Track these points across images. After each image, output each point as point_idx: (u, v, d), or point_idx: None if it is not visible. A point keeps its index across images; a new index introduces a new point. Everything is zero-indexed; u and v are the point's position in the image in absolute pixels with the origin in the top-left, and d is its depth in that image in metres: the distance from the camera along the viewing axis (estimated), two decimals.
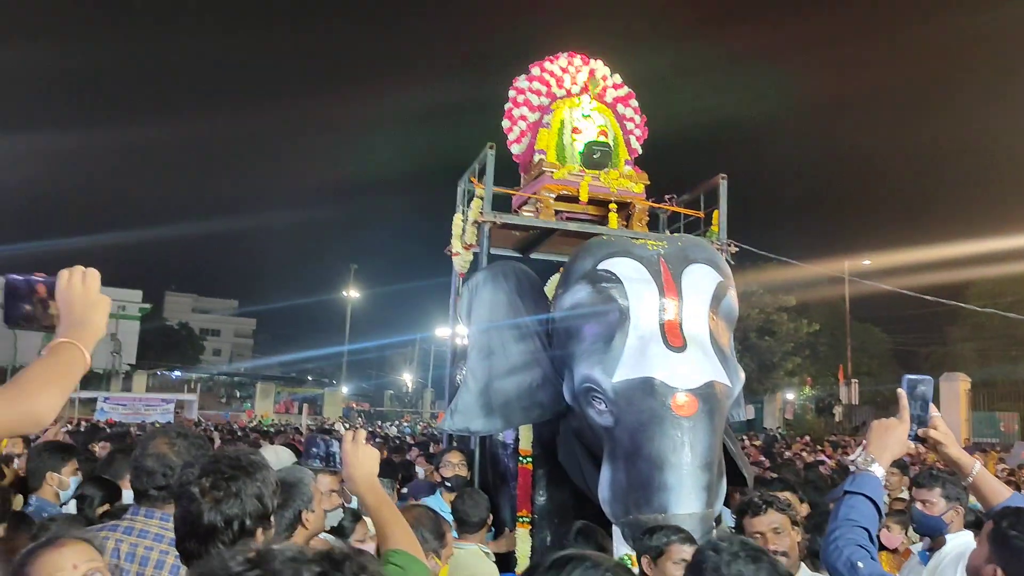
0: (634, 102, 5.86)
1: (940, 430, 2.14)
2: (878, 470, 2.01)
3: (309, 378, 47.76)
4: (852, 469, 2.06)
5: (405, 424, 31.61)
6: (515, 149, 5.69)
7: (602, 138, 5.39)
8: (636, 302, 3.76)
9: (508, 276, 4.39)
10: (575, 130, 5.44)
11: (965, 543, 3.23)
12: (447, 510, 4.27)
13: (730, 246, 5.35)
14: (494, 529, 4.39)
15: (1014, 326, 20.99)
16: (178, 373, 42.73)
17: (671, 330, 3.71)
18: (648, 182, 5.44)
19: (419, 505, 3.21)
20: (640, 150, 5.82)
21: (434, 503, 4.38)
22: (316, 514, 2.49)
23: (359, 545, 3.19)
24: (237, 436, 15.87)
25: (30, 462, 4.02)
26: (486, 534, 3.99)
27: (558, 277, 4.42)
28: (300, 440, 14.38)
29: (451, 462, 4.61)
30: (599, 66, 5.80)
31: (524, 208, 5.36)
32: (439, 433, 9.61)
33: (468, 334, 4.52)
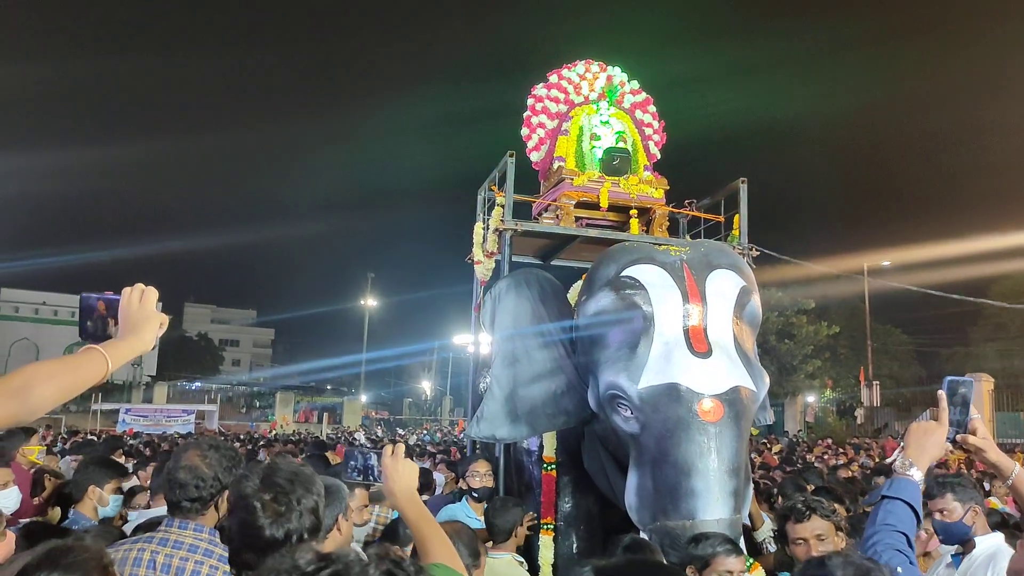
0: (652, 107, 5.86)
1: (979, 434, 2.11)
2: (916, 474, 1.99)
3: (328, 387, 47.91)
4: (891, 472, 2.04)
5: (424, 432, 31.63)
6: (534, 157, 5.70)
7: (621, 144, 5.40)
8: (660, 308, 3.76)
9: (531, 283, 4.39)
10: (593, 136, 5.46)
11: (995, 545, 3.20)
12: (472, 516, 4.27)
13: (751, 250, 5.33)
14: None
15: None
16: (198, 384, 42.97)
17: (696, 336, 3.70)
18: (668, 187, 5.44)
19: (456, 521, 3.20)
20: (659, 155, 5.82)
21: (460, 511, 4.38)
22: (349, 523, 2.50)
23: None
24: (265, 445, 15.89)
25: (76, 474, 4.05)
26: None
27: (581, 284, 4.42)
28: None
29: (478, 472, 4.57)
30: (617, 72, 5.81)
31: (544, 215, 5.36)
32: (461, 440, 9.61)
33: (492, 342, 4.52)
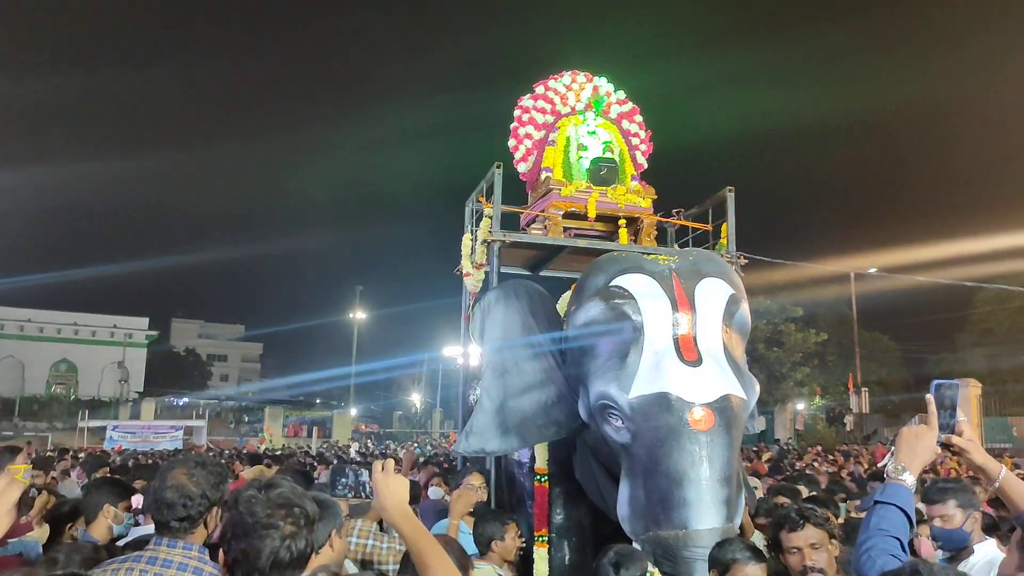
0: (639, 117, 5.88)
1: (965, 436, 2.11)
2: (909, 479, 1.99)
3: (317, 401, 47.67)
4: (883, 477, 2.03)
5: (415, 445, 31.49)
6: (522, 168, 5.71)
7: (608, 154, 5.41)
8: (650, 318, 3.76)
9: (520, 295, 4.39)
10: (581, 147, 5.47)
11: (993, 552, 3.19)
12: (465, 531, 4.23)
13: (739, 258, 5.34)
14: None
15: (1022, 331, 20.89)
16: (186, 399, 42.68)
17: (685, 345, 3.70)
18: (655, 196, 5.46)
19: (444, 535, 3.18)
20: (646, 165, 5.84)
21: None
22: (342, 540, 2.48)
23: None
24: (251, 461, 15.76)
25: (86, 496, 4.01)
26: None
27: (570, 294, 4.41)
28: (310, 463, 14.34)
29: (473, 485, 4.55)
30: (603, 83, 5.84)
31: (533, 226, 5.37)
32: (453, 454, 9.56)
33: (481, 354, 4.51)
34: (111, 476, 4.55)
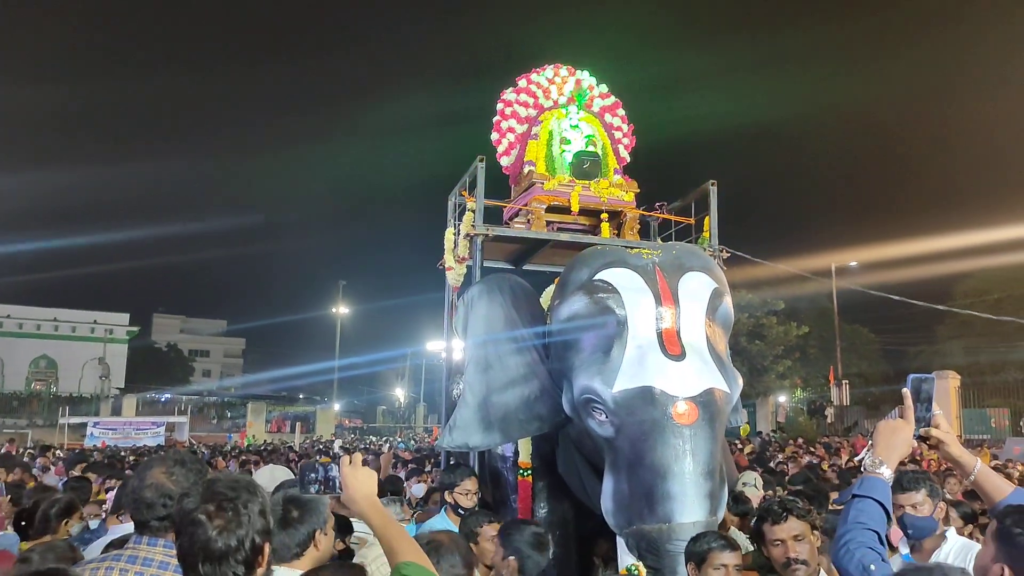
0: (621, 111, 5.88)
1: (942, 428, 2.14)
2: (886, 472, 2.00)
3: (300, 396, 47.44)
4: (860, 471, 2.05)
5: (399, 440, 31.45)
6: (504, 161, 5.70)
7: (591, 148, 5.40)
8: (633, 311, 3.76)
9: (503, 289, 4.37)
10: (563, 140, 5.46)
11: (964, 541, 3.25)
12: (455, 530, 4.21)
13: (722, 252, 5.36)
14: None
15: (1001, 323, 21.13)
16: (168, 395, 42.36)
17: (669, 338, 3.70)
18: (638, 190, 5.46)
19: (450, 531, 3.17)
20: (629, 158, 5.84)
21: (439, 524, 4.32)
22: (328, 537, 2.46)
23: None
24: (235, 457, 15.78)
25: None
26: None
27: (553, 288, 4.41)
28: (295, 459, 14.31)
29: (468, 490, 4.48)
30: (585, 76, 5.83)
31: (516, 220, 5.36)
32: (436, 449, 9.56)
33: (464, 348, 4.49)
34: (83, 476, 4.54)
